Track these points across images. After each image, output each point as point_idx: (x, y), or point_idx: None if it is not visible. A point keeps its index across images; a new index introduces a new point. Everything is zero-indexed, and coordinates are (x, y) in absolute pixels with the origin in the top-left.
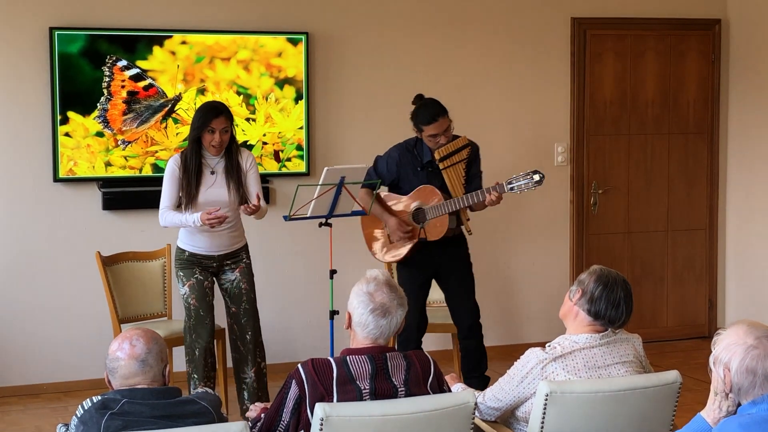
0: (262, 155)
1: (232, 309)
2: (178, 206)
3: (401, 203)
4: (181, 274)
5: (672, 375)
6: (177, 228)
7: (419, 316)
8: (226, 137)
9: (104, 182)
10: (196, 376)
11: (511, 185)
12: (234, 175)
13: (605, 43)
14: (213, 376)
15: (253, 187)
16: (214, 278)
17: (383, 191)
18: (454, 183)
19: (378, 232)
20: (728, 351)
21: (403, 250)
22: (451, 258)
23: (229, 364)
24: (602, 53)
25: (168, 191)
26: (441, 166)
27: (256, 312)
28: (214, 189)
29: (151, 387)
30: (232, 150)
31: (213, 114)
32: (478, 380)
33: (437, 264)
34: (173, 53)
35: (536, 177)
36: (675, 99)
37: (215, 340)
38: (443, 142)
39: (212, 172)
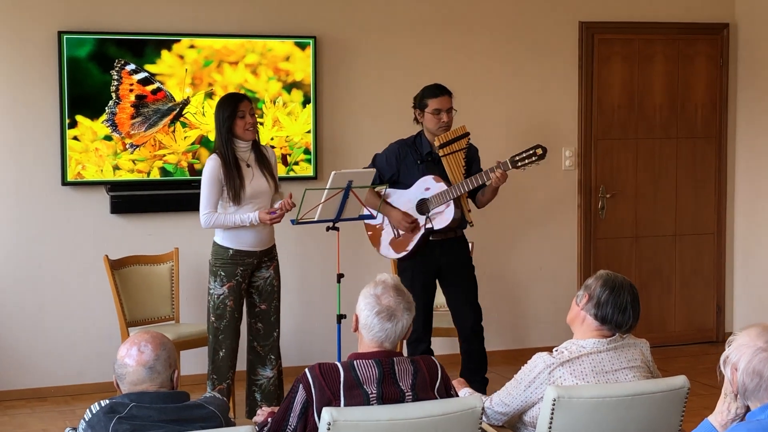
0: None
1: (262, 306)
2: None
3: (404, 197)
4: (223, 273)
5: (679, 380)
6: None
7: (424, 318)
8: (255, 118)
9: (112, 186)
10: (215, 377)
11: (515, 161)
12: (266, 164)
13: (613, 47)
14: (233, 377)
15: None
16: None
17: (382, 189)
18: (454, 171)
19: (382, 230)
20: (738, 351)
21: (410, 245)
22: (452, 259)
23: (241, 366)
24: (610, 57)
25: (209, 193)
26: (441, 153)
27: None
28: (256, 180)
29: (159, 391)
30: (256, 141)
31: (238, 99)
32: (480, 383)
33: (438, 265)
34: (181, 57)
35: (539, 151)
36: (683, 103)
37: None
38: (445, 120)
39: (248, 165)
